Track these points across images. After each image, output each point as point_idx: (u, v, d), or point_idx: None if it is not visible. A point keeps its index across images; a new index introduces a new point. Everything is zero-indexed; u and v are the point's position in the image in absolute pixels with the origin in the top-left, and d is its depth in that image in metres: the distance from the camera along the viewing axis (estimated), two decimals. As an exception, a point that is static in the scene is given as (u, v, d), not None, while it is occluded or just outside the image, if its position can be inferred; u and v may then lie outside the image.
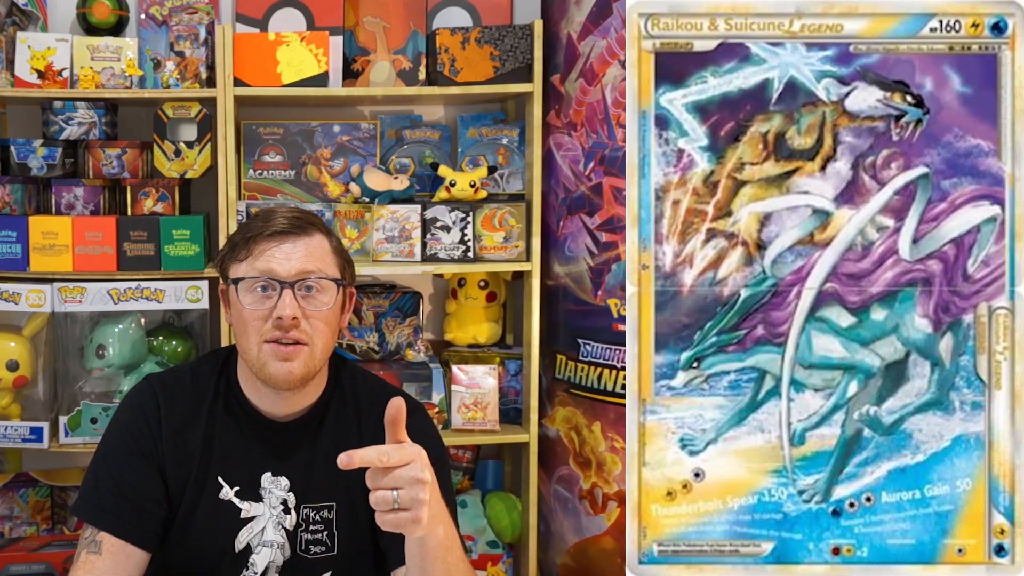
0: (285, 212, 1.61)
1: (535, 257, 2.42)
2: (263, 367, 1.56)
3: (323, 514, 1.64)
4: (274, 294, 1.55)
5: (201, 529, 1.62)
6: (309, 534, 1.64)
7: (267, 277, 1.55)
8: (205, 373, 1.69)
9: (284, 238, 1.57)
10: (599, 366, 2.23)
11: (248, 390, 1.65)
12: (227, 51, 2.31)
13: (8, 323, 2.34)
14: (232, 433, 1.64)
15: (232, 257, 1.61)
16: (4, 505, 2.49)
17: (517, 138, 2.51)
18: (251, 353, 1.57)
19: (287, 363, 1.55)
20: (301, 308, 1.55)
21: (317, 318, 1.57)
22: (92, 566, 1.54)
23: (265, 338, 1.55)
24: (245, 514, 1.62)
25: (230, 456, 1.63)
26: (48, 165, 2.34)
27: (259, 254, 1.57)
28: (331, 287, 1.59)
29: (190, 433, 1.63)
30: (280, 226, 1.58)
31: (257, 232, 1.58)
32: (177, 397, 1.65)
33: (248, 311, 1.56)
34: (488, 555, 2.51)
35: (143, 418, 1.63)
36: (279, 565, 1.63)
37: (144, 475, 1.60)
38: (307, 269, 1.56)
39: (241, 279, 1.57)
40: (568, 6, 2.29)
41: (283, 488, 1.63)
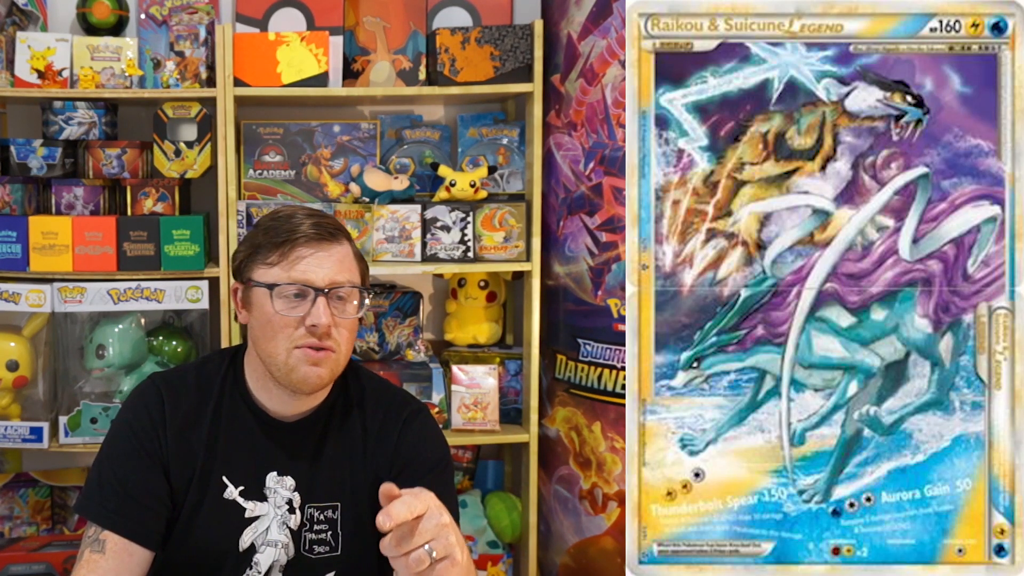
0: (308, 215, 1.61)
1: (535, 257, 2.42)
2: (292, 371, 1.57)
3: (327, 514, 1.64)
4: (306, 301, 1.56)
5: (205, 528, 1.61)
6: (313, 534, 1.64)
7: (303, 284, 1.56)
8: (210, 372, 1.69)
9: (318, 245, 1.58)
10: (599, 366, 2.23)
11: (257, 390, 1.65)
12: (227, 51, 2.31)
13: (8, 323, 2.34)
14: (237, 432, 1.64)
15: (259, 260, 1.60)
16: (4, 505, 2.49)
17: (517, 138, 2.51)
18: (279, 357, 1.57)
19: (316, 368, 1.56)
20: (332, 316, 1.56)
21: (345, 326, 1.58)
22: (95, 565, 1.53)
23: (296, 344, 1.56)
24: (250, 513, 1.62)
25: (235, 455, 1.63)
26: (48, 165, 2.34)
27: (294, 260, 1.57)
28: (358, 295, 1.61)
29: (194, 432, 1.63)
30: (312, 233, 1.58)
31: (287, 237, 1.58)
32: (181, 396, 1.65)
33: (280, 317, 1.56)
34: (488, 555, 2.51)
35: (147, 416, 1.62)
36: (283, 565, 1.63)
37: (148, 474, 1.60)
38: (339, 279, 1.57)
39: (276, 284, 1.57)
40: (568, 6, 2.29)
41: (288, 488, 1.63)
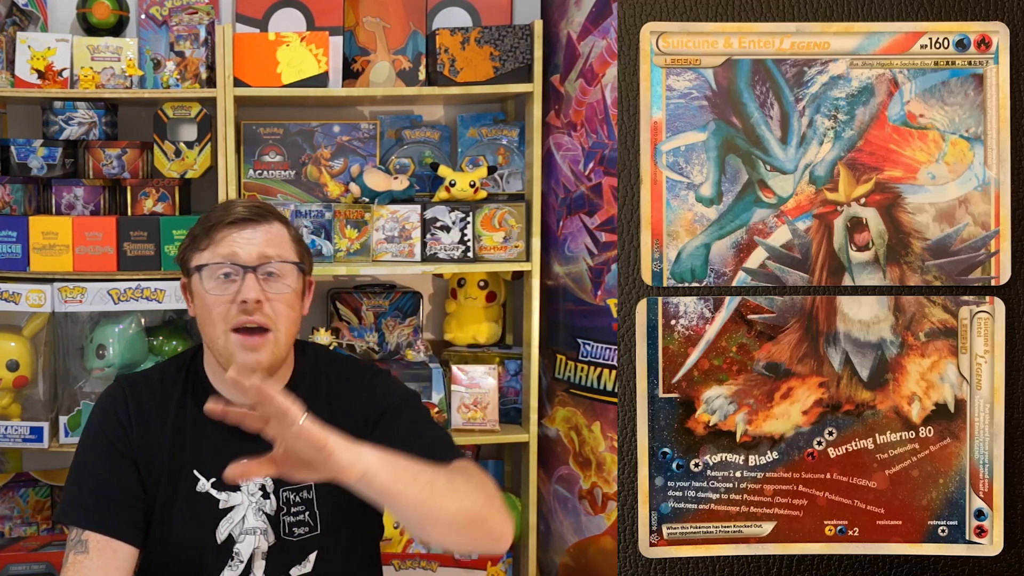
0: (244, 202, 1.67)
1: (535, 257, 2.42)
2: (230, 357, 1.59)
3: (303, 495, 1.65)
4: (237, 279, 1.58)
5: (180, 524, 1.62)
6: (292, 516, 1.64)
7: (230, 262, 1.59)
8: (172, 370, 1.72)
9: (244, 225, 1.61)
10: (599, 366, 2.23)
11: (217, 382, 1.67)
12: (227, 51, 2.32)
13: (8, 323, 2.34)
14: (203, 426, 1.63)
15: (193, 248, 1.64)
16: (4, 505, 2.49)
17: (517, 138, 2.51)
18: (218, 342, 1.60)
19: (254, 353, 1.58)
20: (264, 291, 1.58)
21: (280, 301, 1.59)
22: (81, 566, 1.53)
23: (231, 325, 1.58)
24: (223, 504, 1.63)
25: (203, 448, 1.64)
26: (48, 165, 2.34)
27: (220, 241, 1.60)
28: (292, 271, 1.62)
29: (160, 428, 1.65)
30: (240, 214, 1.62)
31: (217, 221, 1.62)
32: (144, 394, 1.67)
33: (212, 297, 1.59)
34: (488, 555, 2.51)
35: (114, 416, 1.65)
36: (264, 551, 1.63)
37: (121, 470, 1.62)
38: (268, 254, 1.60)
39: (205, 265, 1.60)
40: (568, 6, 2.29)
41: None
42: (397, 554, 2.49)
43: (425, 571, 2.50)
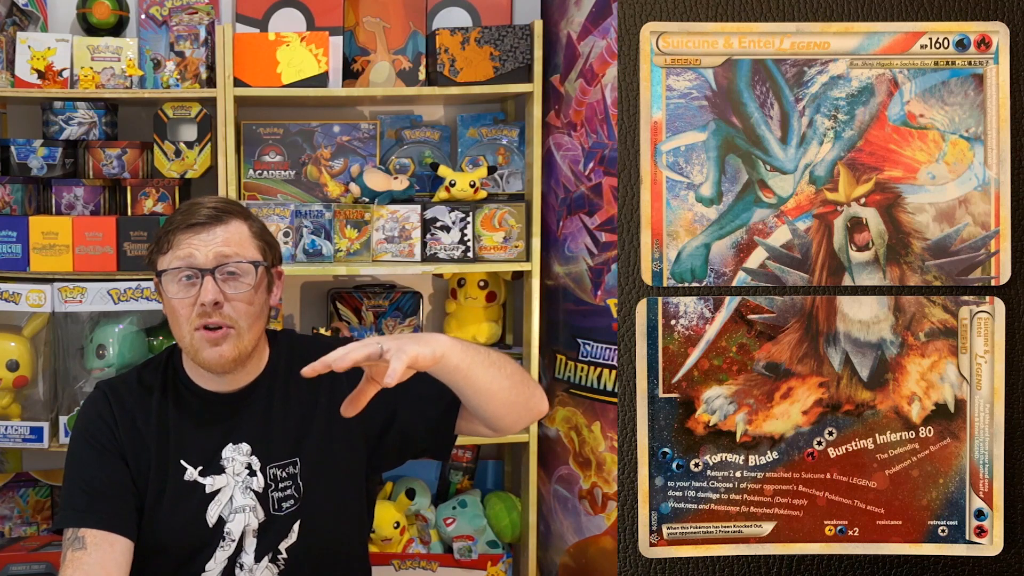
0: (206, 201, 1.70)
1: (535, 257, 2.42)
2: (197, 353, 1.65)
3: (288, 470, 1.70)
4: (197, 281, 1.63)
5: (170, 514, 1.66)
6: (280, 492, 1.69)
7: (188, 266, 1.63)
8: (150, 370, 1.77)
9: (201, 228, 1.65)
10: (599, 366, 2.23)
11: (194, 375, 1.72)
12: (227, 51, 2.32)
13: (8, 323, 2.34)
14: (185, 416, 1.71)
15: (157, 251, 1.69)
16: (4, 505, 2.49)
17: (517, 138, 2.51)
18: (185, 340, 1.66)
19: (217, 347, 1.63)
20: (223, 292, 1.63)
21: (239, 300, 1.64)
22: (79, 562, 1.56)
23: (194, 325, 1.63)
24: (210, 488, 1.67)
25: (187, 438, 1.69)
26: (48, 165, 2.34)
27: (179, 245, 1.65)
28: (251, 270, 1.66)
29: (144, 425, 1.69)
30: (198, 218, 1.66)
31: (177, 225, 1.67)
32: (124, 395, 1.72)
33: (176, 300, 1.65)
34: (488, 555, 2.52)
35: (98, 417, 1.70)
36: (255, 528, 1.68)
37: (111, 467, 1.66)
38: (226, 253, 1.64)
39: (165, 271, 1.65)
40: (568, 6, 2.29)
41: (245, 453, 1.69)
42: (397, 554, 2.49)
43: (425, 571, 2.51)
